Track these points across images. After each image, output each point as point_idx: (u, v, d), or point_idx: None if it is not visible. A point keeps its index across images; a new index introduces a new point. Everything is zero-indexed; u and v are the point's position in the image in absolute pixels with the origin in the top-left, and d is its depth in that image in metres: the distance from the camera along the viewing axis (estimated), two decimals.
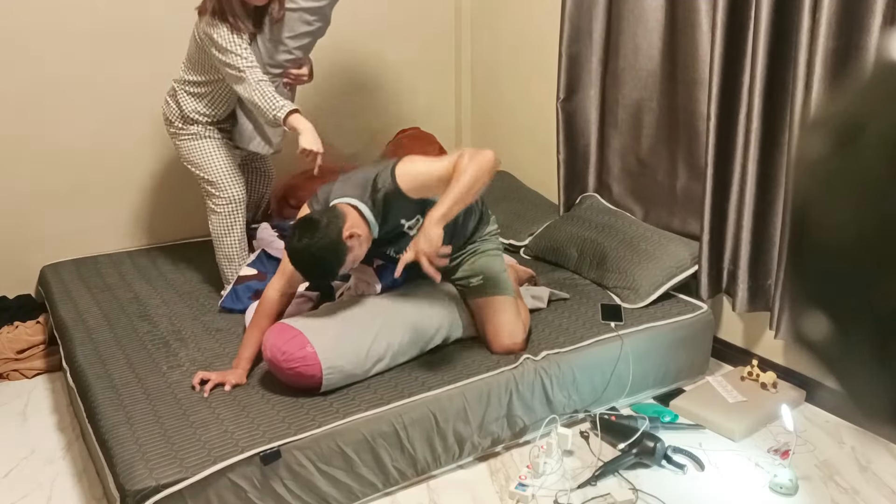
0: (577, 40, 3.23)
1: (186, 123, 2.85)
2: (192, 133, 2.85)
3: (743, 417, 2.51)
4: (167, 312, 2.79)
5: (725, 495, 2.22)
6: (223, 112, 2.87)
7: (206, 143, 2.86)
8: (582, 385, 2.49)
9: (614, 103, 3.22)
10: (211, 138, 2.87)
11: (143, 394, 2.23)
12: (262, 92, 2.57)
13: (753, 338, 2.88)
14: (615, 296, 2.86)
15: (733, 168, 2.70)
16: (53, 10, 3.15)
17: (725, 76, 2.63)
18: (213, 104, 2.83)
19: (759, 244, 2.69)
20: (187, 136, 2.86)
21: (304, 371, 2.14)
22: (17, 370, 2.94)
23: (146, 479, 1.84)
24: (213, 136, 2.87)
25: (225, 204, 2.88)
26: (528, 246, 3.32)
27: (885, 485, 2.27)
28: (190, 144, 2.86)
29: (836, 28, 2.28)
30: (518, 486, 2.21)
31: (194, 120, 2.83)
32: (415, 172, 2.22)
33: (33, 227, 3.31)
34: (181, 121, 2.85)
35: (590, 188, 3.40)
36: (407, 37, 4.02)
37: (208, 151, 2.86)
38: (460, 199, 2.13)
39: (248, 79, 2.58)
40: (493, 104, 4.05)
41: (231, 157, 2.90)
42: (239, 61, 2.58)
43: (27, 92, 3.18)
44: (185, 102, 2.82)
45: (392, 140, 4.01)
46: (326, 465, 2.05)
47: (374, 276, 2.54)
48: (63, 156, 3.31)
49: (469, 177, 2.13)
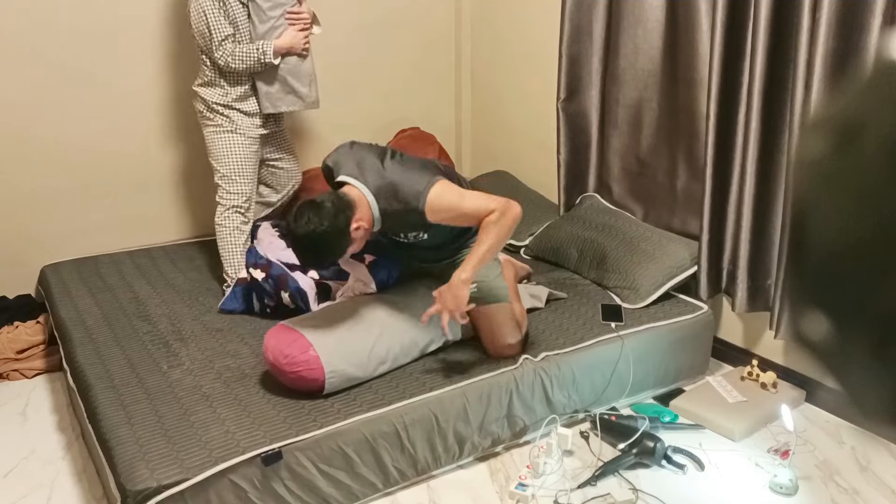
0: (578, 40, 3.23)
1: (211, 113, 2.93)
2: (216, 124, 2.93)
3: (743, 417, 2.51)
4: (167, 312, 2.79)
5: (725, 495, 2.22)
6: (237, 91, 2.91)
7: (227, 137, 2.93)
8: (582, 385, 2.49)
9: (614, 103, 3.22)
10: (234, 133, 2.93)
11: (143, 394, 2.23)
12: (239, 55, 2.80)
13: (753, 338, 2.89)
14: (615, 296, 2.86)
15: (733, 168, 2.70)
16: (54, 9, 3.15)
17: (725, 76, 2.63)
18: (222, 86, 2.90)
19: (758, 244, 2.69)
20: (213, 126, 2.94)
21: (306, 375, 2.14)
22: (17, 370, 2.94)
23: (147, 479, 1.84)
24: (238, 131, 2.93)
25: (232, 198, 2.94)
26: (528, 246, 3.32)
27: (885, 485, 2.27)
28: (213, 136, 2.94)
29: (836, 28, 2.28)
30: (518, 486, 2.21)
31: (215, 110, 2.91)
32: (446, 206, 2.21)
33: (33, 227, 3.31)
34: (207, 110, 2.94)
35: (590, 188, 3.40)
36: (407, 37, 4.02)
37: (227, 146, 2.93)
38: (485, 259, 2.21)
39: (223, 55, 2.80)
40: (493, 104, 4.05)
41: (249, 156, 2.96)
42: (213, 41, 2.79)
43: (27, 92, 3.18)
44: (203, 93, 2.91)
45: (392, 140, 4.01)
46: (327, 466, 2.05)
47: (368, 275, 2.54)
48: (63, 156, 3.31)
49: (494, 238, 2.19)
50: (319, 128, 3.86)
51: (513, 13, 3.79)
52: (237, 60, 2.80)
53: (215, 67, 2.87)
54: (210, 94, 2.90)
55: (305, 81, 2.97)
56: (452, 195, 2.22)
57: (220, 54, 2.80)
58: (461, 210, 2.21)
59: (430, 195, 2.19)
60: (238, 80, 2.90)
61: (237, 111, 2.92)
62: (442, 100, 4.23)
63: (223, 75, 2.89)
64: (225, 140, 2.93)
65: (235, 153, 2.94)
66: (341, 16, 3.79)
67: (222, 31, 2.78)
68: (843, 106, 0.44)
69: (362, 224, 2.18)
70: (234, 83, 2.90)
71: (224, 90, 2.90)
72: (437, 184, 2.21)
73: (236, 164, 2.94)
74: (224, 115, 2.91)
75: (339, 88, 3.87)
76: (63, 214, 3.36)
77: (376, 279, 2.54)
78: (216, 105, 2.90)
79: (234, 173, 2.94)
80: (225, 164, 2.93)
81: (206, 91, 2.91)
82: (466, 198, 2.22)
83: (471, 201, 2.21)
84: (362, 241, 2.23)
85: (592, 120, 3.31)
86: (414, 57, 4.07)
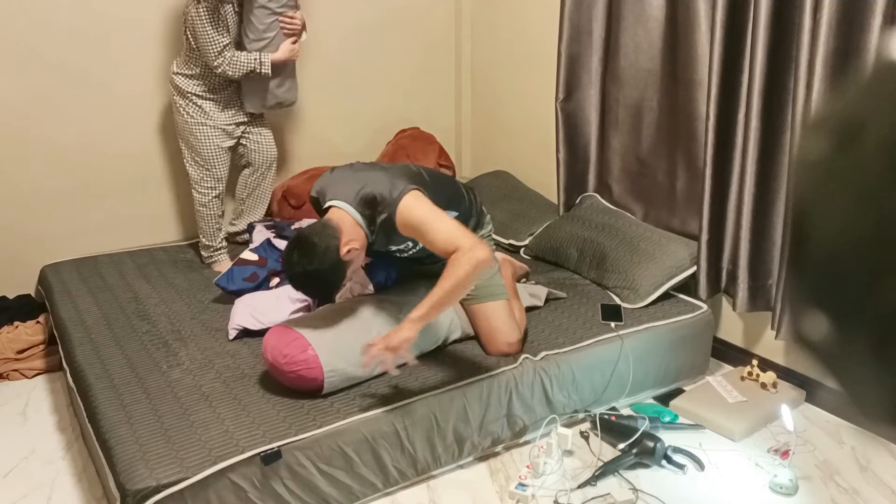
0: (577, 40, 3.23)
1: (185, 100, 3.07)
2: (189, 110, 3.07)
3: (743, 417, 2.51)
4: (166, 312, 2.79)
5: (725, 495, 2.22)
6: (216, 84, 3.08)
7: (201, 124, 3.08)
8: (582, 385, 2.49)
9: (614, 103, 3.22)
10: (205, 124, 3.07)
11: (143, 393, 2.23)
12: (237, 64, 2.95)
13: (753, 338, 2.88)
14: (615, 296, 2.86)
15: (732, 168, 2.70)
16: (54, 9, 3.15)
17: (725, 76, 2.63)
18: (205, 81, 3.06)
19: (758, 244, 2.69)
20: (186, 111, 3.07)
21: (305, 374, 2.14)
22: (17, 370, 2.94)
23: (146, 478, 1.84)
24: (210, 115, 3.08)
25: (207, 181, 3.14)
26: (528, 246, 3.32)
27: (885, 485, 2.27)
28: (186, 119, 3.08)
29: (837, 28, 2.28)
30: (518, 486, 2.21)
31: (190, 100, 3.06)
32: (417, 219, 2.09)
33: (33, 227, 3.31)
34: (181, 97, 3.07)
35: (590, 188, 3.40)
36: (407, 37, 4.02)
37: (202, 132, 3.08)
38: (442, 304, 2.05)
39: (221, 63, 2.93)
40: (493, 104, 4.05)
41: (221, 143, 3.12)
42: (211, 51, 2.91)
43: (27, 92, 3.18)
44: (180, 82, 3.05)
45: (392, 140, 4.01)
46: (327, 466, 2.05)
47: (366, 277, 2.54)
48: (63, 156, 3.31)
49: (455, 283, 2.01)
50: (320, 128, 3.86)
51: (513, 13, 3.79)
52: (234, 68, 2.95)
53: (199, 63, 3.00)
54: (187, 83, 3.04)
55: (286, 83, 3.16)
56: (424, 209, 2.10)
57: (218, 63, 2.93)
58: (430, 228, 2.08)
59: (401, 204, 2.10)
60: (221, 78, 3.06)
61: (210, 101, 3.08)
62: (442, 100, 4.23)
63: (208, 72, 3.02)
64: (196, 129, 3.08)
65: (207, 136, 3.09)
66: (341, 16, 3.79)
67: (220, 42, 2.90)
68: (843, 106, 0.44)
69: (353, 245, 2.13)
70: (212, 77, 3.04)
71: (204, 84, 3.05)
72: (411, 193, 2.12)
73: (208, 147, 3.10)
74: (198, 105, 3.06)
75: (339, 89, 3.87)
76: (63, 214, 3.36)
77: (374, 281, 2.54)
78: (191, 95, 3.05)
79: (205, 161, 3.12)
80: (196, 147, 3.10)
81: (184, 81, 3.04)
82: (439, 220, 2.09)
83: (442, 225, 2.08)
84: (360, 257, 2.20)
85: (592, 120, 3.31)
86: (414, 57, 4.07)
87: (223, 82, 3.07)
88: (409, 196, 2.12)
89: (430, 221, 2.09)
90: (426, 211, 2.10)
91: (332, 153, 3.90)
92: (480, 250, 2.03)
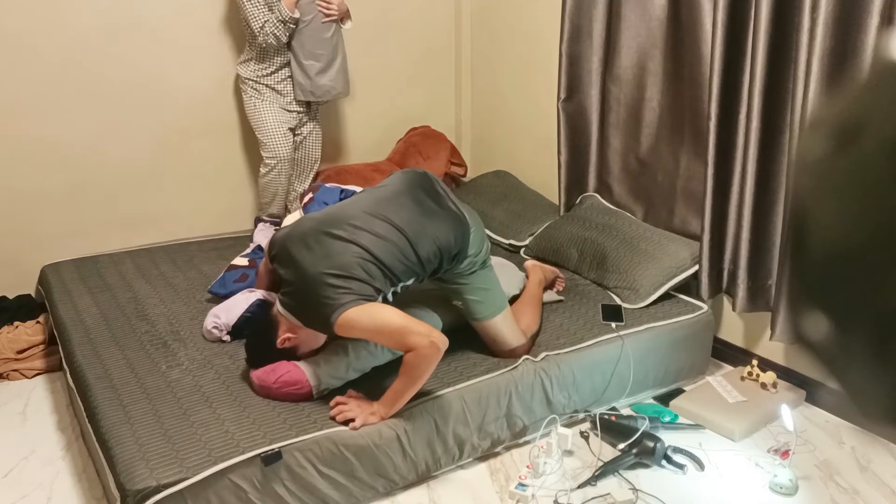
0: (578, 40, 3.23)
1: (244, 85, 3.37)
2: (248, 95, 3.38)
3: (743, 417, 2.51)
4: (166, 312, 2.79)
5: (725, 495, 2.22)
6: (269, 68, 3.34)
7: (259, 104, 3.37)
8: (582, 385, 2.49)
9: (615, 103, 3.21)
10: (263, 100, 3.36)
11: (142, 393, 2.23)
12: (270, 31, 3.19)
13: (753, 338, 2.88)
14: (615, 296, 2.86)
15: (733, 168, 2.70)
16: (54, 9, 3.15)
17: (725, 75, 2.63)
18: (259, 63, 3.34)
19: (759, 244, 2.69)
20: (246, 97, 3.39)
21: (288, 379, 2.16)
22: (17, 370, 2.94)
23: (147, 479, 1.84)
24: (266, 97, 3.36)
25: (270, 158, 3.40)
26: (528, 246, 3.32)
27: (885, 485, 2.27)
28: (248, 101, 3.39)
29: (834, 28, 2.28)
30: (518, 486, 2.21)
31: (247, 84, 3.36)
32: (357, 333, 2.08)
33: (33, 227, 3.31)
34: (242, 83, 3.39)
35: (590, 188, 3.40)
36: (407, 37, 4.02)
37: (260, 112, 3.37)
38: (398, 400, 2.11)
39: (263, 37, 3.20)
40: (493, 104, 4.05)
41: (280, 121, 3.38)
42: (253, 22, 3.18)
43: (27, 92, 3.18)
44: (240, 70, 3.37)
45: (402, 138, 4.01)
46: (327, 468, 2.05)
47: None
48: (63, 156, 3.31)
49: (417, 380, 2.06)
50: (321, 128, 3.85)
51: (513, 13, 3.79)
52: (271, 37, 3.19)
53: (252, 46, 3.30)
54: (242, 69, 3.34)
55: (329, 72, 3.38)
56: (364, 324, 2.04)
57: (262, 37, 3.19)
58: (374, 338, 2.12)
59: (340, 318, 2.04)
60: (268, 57, 3.31)
61: (266, 87, 3.35)
62: (442, 100, 4.23)
63: (258, 53, 3.30)
64: (257, 105, 3.36)
65: (268, 117, 3.36)
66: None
67: (260, 18, 3.16)
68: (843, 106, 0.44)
69: (289, 337, 2.19)
70: (264, 60, 3.31)
71: (258, 66, 3.32)
72: (351, 310, 2.04)
73: (270, 127, 3.37)
74: (255, 88, 3.35)
75: None
76: (63, 214, 3.36)
77: None
78: (247, 80, 3.35)
79: (269, 135, 3.38)
80: (260, 128, 3.38)
81: (240, 68, 3.36)
82: (379, 332, 2.05)
83: (384, 334, 2.05)
84: (309, 338, 2.22)
85: (592, 120, 3.31)
86: (414, 57, 4.07)
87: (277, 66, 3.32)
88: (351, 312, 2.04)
89: (372, 335, 2.09)
90: (366, 325, 2.05)
91: (339, 154, 3.91)
92: (430, 347, 2.01)
